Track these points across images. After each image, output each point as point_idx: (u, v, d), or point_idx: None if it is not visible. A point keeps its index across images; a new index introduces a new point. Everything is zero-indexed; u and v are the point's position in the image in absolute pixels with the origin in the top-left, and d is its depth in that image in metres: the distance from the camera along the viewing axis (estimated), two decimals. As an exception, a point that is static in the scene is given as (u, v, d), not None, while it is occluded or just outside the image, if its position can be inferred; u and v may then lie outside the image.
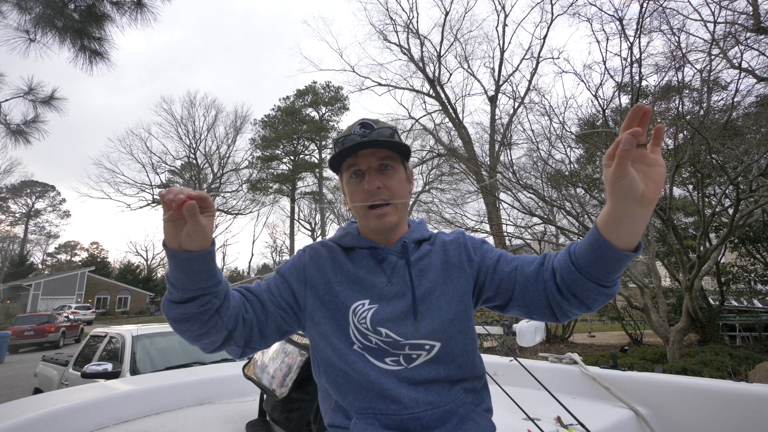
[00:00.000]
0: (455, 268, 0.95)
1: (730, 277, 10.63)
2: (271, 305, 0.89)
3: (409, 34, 16.97)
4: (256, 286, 0.92)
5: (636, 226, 0.68)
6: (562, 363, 2.02)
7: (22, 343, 15.71)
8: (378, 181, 0.91)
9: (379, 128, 0.94)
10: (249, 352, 0.89)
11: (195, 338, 0.80)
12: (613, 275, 0.75)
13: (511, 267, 0.92)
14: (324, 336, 0.92)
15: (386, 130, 0.94)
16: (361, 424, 0.86)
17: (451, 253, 0.97)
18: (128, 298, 37.23)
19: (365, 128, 0.93)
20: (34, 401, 1.69)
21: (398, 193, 0.94)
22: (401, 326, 0.88)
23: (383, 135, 0.92)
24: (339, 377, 0.90)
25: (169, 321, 0.79)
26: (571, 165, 10.77)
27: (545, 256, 0.89)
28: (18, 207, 47.27)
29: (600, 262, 0.73)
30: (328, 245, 1.01)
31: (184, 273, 0.73)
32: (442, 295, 0.91)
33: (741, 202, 6.36)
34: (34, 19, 4.19)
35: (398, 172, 0.95)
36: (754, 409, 1.42)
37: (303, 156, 39.51)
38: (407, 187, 0.98)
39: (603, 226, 0.71)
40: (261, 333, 0.88)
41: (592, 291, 0.77)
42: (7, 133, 4.60)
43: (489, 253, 0.98)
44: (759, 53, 7.58)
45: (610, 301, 0.84)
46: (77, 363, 4.52)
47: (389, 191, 0.92)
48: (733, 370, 5.80)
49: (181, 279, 0.74)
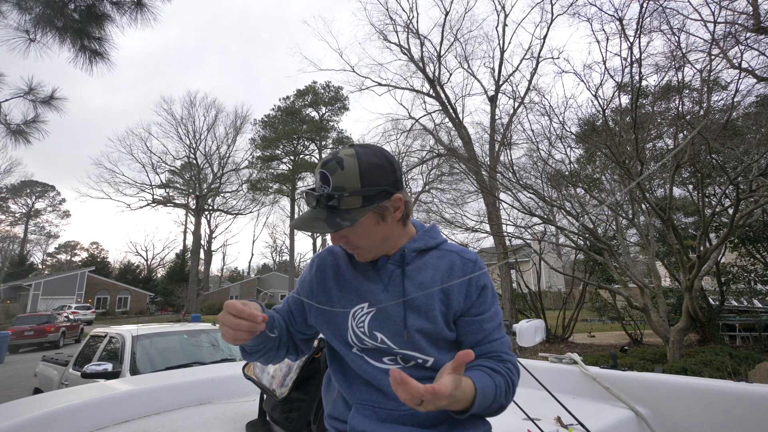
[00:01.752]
0: (454, 287, 0.92)
1: (730, 277, 10.62)
2: (298, 317, 1.05)
3: (409, 34, 16.96)
4: (284, 302, 1.08)
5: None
6: (562, 363, 2.02)
7: (22, 343, 15.70)
8: (339, 238, 0.92)
9: (335, 182, 0.85)
10: (304, 353, 1.09)
11: (269, 362, 1.04)
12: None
13: (474, 340, 0.92)
14: (327, 338, 1.01)
15: (342, 181, 0.85)
16: (359, 417, 0.89)
17: (456, 274, 0.93)
18: (128, 298, 37.22)
19: (323, 183, 0.87)
20: (34, 401, 1.68)
21: (365, 240, 0.91)
22: (394, 334, 0.90)
23: (338, 189, 0.84)
24: (342, 370, 0.98)
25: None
26: (571, 165, 10.77)
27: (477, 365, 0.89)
28: (18, 207, 47.34)
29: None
30: (334, 252, 1.06)
31: (251, 343, 0.92)
32: (436, 309, 0.91)
33: (741, 202, 6.36)
34: (34, 19, 4.18)
35: (360, 225, 0.89)
36: (754, 409, 1.42)
37: (303, 156, 39.50)
38: (379, 227, 0.91)
39: None
40: (303, 339, 1.07)
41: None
42: (7, 133, 4.60)
43: (482, 306, 0.94)
44: (759, 53, 7.57)
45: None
46: (77, 363, 4.52)
47: (355, 240, 0.91)
48: (733, 370, 5.79)
49: (249, 345, 0.93)
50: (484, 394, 0.79)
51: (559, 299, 13.52)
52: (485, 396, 0.79)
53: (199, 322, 7.44)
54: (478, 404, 0.78)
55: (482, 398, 0.78)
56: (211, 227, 41.09)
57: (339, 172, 0.85)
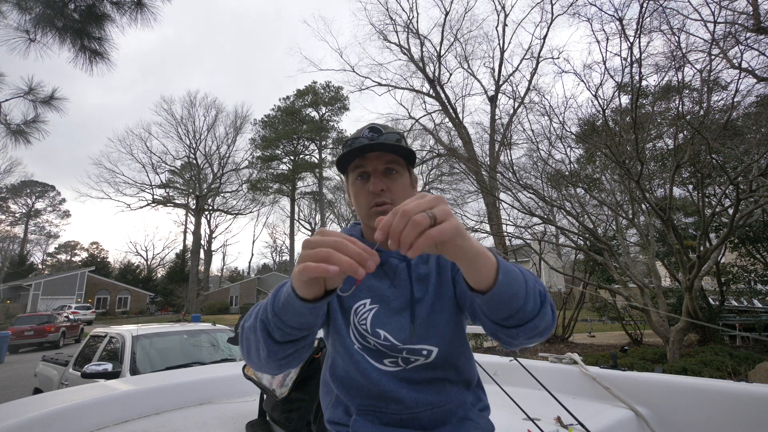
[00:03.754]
0: (445, 270, 0.95)
1: (730, 277, 10.62)
2: None
3: (409, 34, 16.98)
4: None
5: (463, 271, 0.64)
6: (562, 363, 2.02)
7: (22, 343, 15.69)
8: (382, 184, 0.92)
9: (387, 133, 0.96)
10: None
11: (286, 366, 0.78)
12: (492, 313, 0.69)
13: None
14: (329, 335, 0.97)
15: (393, 135, 0.96)
16: (361, 422, 0.87)
17: (443, 256, 0.95)
18: (128, 298, 37.21)
19: (374, 132, 0.95)
20: (34, 401, 1.68)
21: (401, 197, 0.94)
22: (399, 330, 0.89)
23: (390, 140, 0.94)
24: (342, 374, 0.92)
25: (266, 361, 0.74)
26: (571, 165, 10.78)
27: None
28: (18, 207, 47.32)
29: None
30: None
31: (306, 316, 0.68)
32: (438, 299, 0.92)
33: (741, 202, 6.35)
34: (34, 19, 4.18)
35: (402, 176, 0.96)
36: (754, 409, 1.42)
37: (303, 156, 39.51)
38: (411, 193, 0.99)
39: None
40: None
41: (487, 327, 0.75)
42: (7, 133, 4.60)
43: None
44: (759, 53, 7.58)
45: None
46: (77, 363, 4.52)
47: (392, 194, 0.93)
48: (733, 370, 5.80)
49: (300, 321, 0.69)
50: (505, 265, 0.65)
51: (559, 299, 13.53)
52: (506, 265, 0.65)
53: (199, 322, 7.45)
54: (503, 266, 0.64)
55: (504, 264, 0.65)
56: (211, 227, 41.13)
57: (389, 130, 0.97)
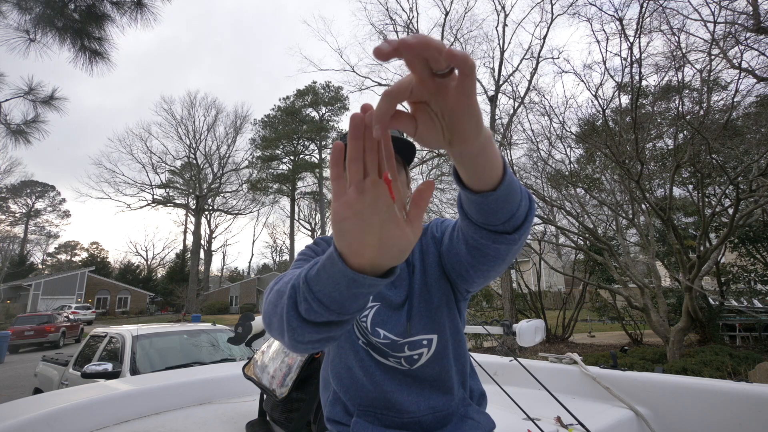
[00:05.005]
0: (429, 254, 0.94)
1: (730, 277, 10.62)
2: None
3: (409, 34, 16.97)
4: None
5: (473, 167, 0.56)
6: (562, 363, 2.02)
7: (22, 343, 15.69)
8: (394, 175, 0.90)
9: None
10: None
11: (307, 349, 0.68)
12: (492, 217, 0.63)
13: (452, 228, 0.84)
14: None
15: (395, 131, 0.96)
16: (362, 423, 0.87)
17: (424, 241, 0.96)
18: (128, 298, 37.21)
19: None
20: (34, 401, 1.68)
21: (400, 193, 0.92)
22: (397, 326, 0.89)
23: (395, 134, 0.94)
24: (343, 371, 0.92)
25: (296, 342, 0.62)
26: (571, 165, 10.79)
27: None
28: (18, 207, 47.30)
29: (470, 205, 0.63)
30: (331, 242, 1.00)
31: (355, 297, 0.56)
32: (426, 287, 0.92)
33: (741, 202, 6.36)
34: (34, 19, 4.18)
35: (400, 174, 0.96)
36: (754, 409, 1.42)
37: (303, 156, 39.52)
38: (407, 192, 0.98)
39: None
40: None
41: (484, 237, 0.67)
42: (7, 133, 4.60)
43: (448, 227, 0.90)
44: (759, 53, 7.57)
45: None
46: (77, 363, 4.52)
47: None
48: (733, 370, 5.80)
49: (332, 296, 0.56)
50: (509, 171, 0.60)
51: (559, 299, 13.53)
52: (509, 172, 0.60)
53: (199, 322, 7.44)
54: (509, 172, 0.59)
55: (509, 171, 0.60)
56: (211, 227, 41.12)
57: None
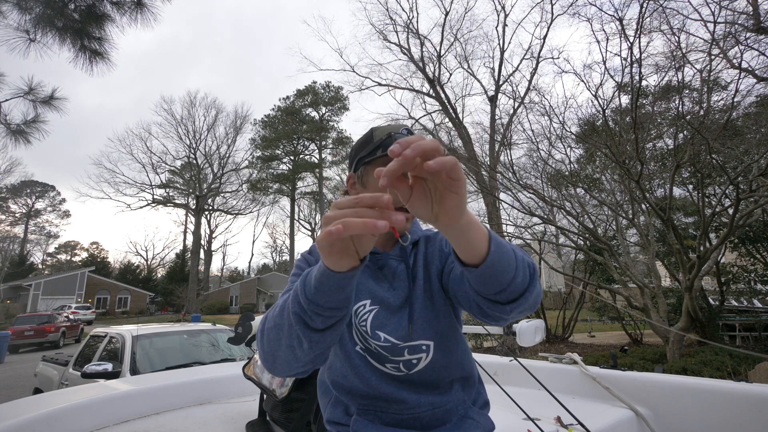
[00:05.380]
0: (433, 265, 0.94)
1: (730, 277, 10.62)
2: None
3: (409, 34, 16.96)
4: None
5: (457, 243, 0.60)
6: (562, 363, 2.02)
7: (22, 343, 15.68)
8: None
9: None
10: None
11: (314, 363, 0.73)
12: (482, 287, 0.65)
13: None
14: None
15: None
16: (361, 421, 0.87)
17: (430, 249, 0.97)
18: (128, 298, 37.20)
19: (411, 134, 0.91)
20: (34, 401, 1.68)
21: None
22: (398, 329, 0.89)
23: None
24: (340, 379, 0.91)
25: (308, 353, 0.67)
26: (571, 165, 10.78)
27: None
28: (18, 207, 47.31)
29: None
30: None
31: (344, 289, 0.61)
32: (428, 294, 0.92)
33: (741, 202, 6.36)
34: (34, 19, 4.18)
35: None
36: (754, 409, 1.42)
37: (303, 156, 39.52)
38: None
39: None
40: None
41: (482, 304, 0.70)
42: (7, 133, 4.60)
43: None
44: (759, 53, 7.57)
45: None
46: (77, 363, 4.52)
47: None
48: (733, 370, 5.80)
49: (338, 299, 0.62)
50: (495, 236, 0.63)
51: (559, 299, 13.53)
52: (496, 237, 0.63)
53: (199, 322, 7.44)
54: (495, 239, 0.61)
55: (495, 238, 0.62)
56: (211, 227, 41.13)
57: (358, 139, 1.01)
